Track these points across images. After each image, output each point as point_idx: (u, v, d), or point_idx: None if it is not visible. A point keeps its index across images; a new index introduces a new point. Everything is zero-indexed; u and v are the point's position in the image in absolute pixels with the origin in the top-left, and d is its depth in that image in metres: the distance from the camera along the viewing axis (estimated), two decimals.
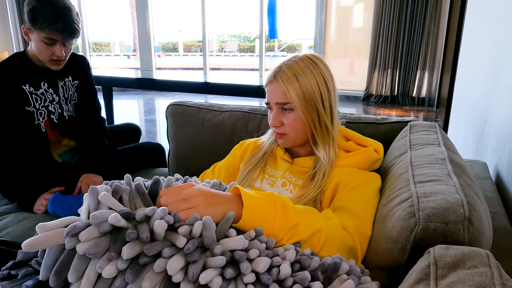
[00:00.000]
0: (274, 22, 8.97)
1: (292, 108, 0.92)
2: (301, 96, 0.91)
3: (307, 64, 0.92)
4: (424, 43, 5.42)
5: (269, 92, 0.96)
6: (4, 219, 1.35)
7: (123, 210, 0.54)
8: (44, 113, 1.48)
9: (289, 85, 0.90)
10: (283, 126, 0.95)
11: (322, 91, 0.92)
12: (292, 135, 0.96)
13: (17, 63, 1.44)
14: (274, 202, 0.66)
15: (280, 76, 0.92)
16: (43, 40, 1.36)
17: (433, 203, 0.63)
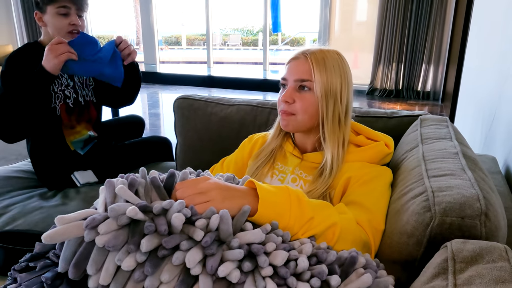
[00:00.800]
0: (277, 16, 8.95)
1: (310, 88, 0.91)
2: (325, 80, 0.90)
3: (336, 57, 0.93)
4: (430, 36, 5.38)
5: (290, 68, 0.94)
6: (11, 210, 1.36)
7: (140, 203, 0.54)
8: (61, 97, 1.51)
9: (317, 64, 0.90)
10: (294, 104, 0.93)
11: (343, 85, 0.92)
12: (301, 117, 0.93)
13: (32, 50, 1.47)
14: (289, 196, 0.66)
15: (310, 54, 0.91)
16: (57, 11, 1.41)
17: (448, 197, 0.63)
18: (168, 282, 0.49)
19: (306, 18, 19.86)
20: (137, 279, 0.49)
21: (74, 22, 1.44)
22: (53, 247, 0.57)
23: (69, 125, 1.57)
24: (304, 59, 0.92)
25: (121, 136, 1.87)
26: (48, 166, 1.55)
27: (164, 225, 0.51)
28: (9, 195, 1.47)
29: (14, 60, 1.43)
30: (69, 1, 1.42)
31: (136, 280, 0.49)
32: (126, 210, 0.52)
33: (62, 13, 1.42)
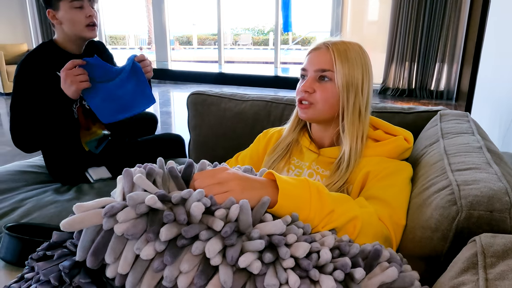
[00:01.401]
0: (288, 15, 8.92)
1: (331, 78, 0.89)
2: (346, 71, 0.88)
3: (357, 49, 0.92)
4: (444, 35, 5.30)
5: (311, 58, 0.93)
6: (26, 204, 1.36)
7: (158, 192, 0.53)
8: (77, 99, 1.49)
9: (338, 55, 0.89)
10: (314, 94, 0.91)
11: (364, 77, 0.91)
12: (320, 107, 0.91)
13: (48, 51, 1.46)
14: (309, 188, 0.64)
15: (332, 45, 0.90)
16: (71, 6, 1.40)
17: (475, 191, 0.61)
18: (188, 272, 0.48)
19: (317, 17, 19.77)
20: (156, 268, 0.48)
21: (90, 13, 1.42)
22: (71, 236, 0.56)
23: (86, 126, 1.58)
24: (326, 50, 0.90)
25: (134, 133, 1.88)
26: (62, 164, 1.56)
27: (183, 214, 0.50)
28: (24, 189, 1.48)
29: (28, 65, 1.41)
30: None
31: (155, 269, 0.48)
32: (144, 199, 0.51)
33: (77, 7, 1.40)
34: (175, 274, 0.48)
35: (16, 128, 1.40)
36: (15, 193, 1.44)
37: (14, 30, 6.42)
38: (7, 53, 5.84)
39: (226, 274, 0.47)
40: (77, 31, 1.44)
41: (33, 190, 1.48)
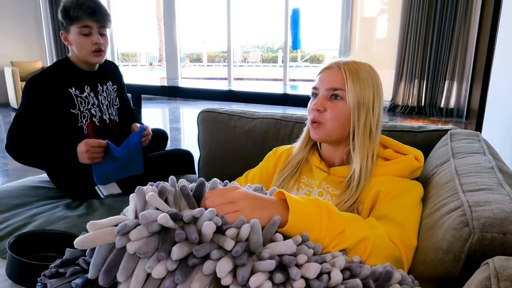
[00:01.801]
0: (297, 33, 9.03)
1: (342, 97, 0.90)
2: (358, 90, 0.89)
3: (368, 70, 0.93)
4: (453, 53, 5.31)
5: (322, 77, 0.94)
6: (38, 219, 1.38)
7: (171, 210, 0.54)
8: (87, 115, 1.54)
9: (350, 74, 0.90)
10: (325, 112, 0.92)
11: (375, 97, 0.91)
12: (330, 126, 0.92)
13: (62, 68, 1.51)
14: (320, 207, 0.64)
15: (343, 64, 0.91)
16: (80, 32, 1.45)
17: (487, 212, 0.60)
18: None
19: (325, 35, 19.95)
20: (167, 287, 0.48)
21: (97, 41, 1.46)
22: (83, 253, 0.57)
23: None
24: (337, 69, 0.91)
25: (145, 149, 1.89)
26: (72, 180, 1.57)
27: (194, 233, 0.51)
28: (36, 205, 1.49)
29: (41, 80, 1.45)
30: (91, 20, 1.44)
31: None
32: (157, 217, 0.52)
33: (85, 33, 1.45)
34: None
35: (16, 137, 1.42)
36: (27, 208, 1.46)
37: (29, 48, 6.60)
38: (22, 70, 5.99)
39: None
40: (84, 55, 1.49)
41: (45, 205, 1.50)
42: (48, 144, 1.45)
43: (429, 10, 5.30)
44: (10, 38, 6.34)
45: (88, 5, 1.43)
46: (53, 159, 1.44)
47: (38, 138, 1.44)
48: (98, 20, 1.46)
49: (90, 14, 1.44)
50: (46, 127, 1.46)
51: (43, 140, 1.45)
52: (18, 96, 5.81)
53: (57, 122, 1.47)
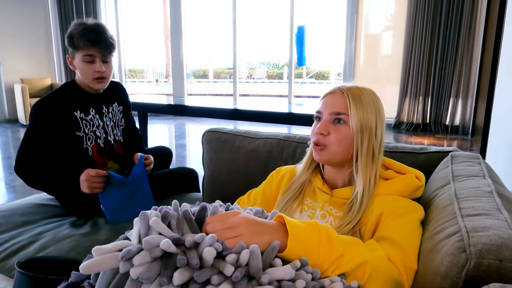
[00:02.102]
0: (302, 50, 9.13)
1: (346, 121, 0.92)
2: (360, 115, 0.91)
3: (371, 95, 0.95)
4: (457, 70, 5.34)
5: (326, 102, 0.96)
6: (43, 237, 1.39)
7: (173, 236, 0.55)
8: (92, 137, 1.57)
9: (353, 99, 0.92)
10: (328, 136, 0.94)
11: (378, 121, 0.94)
12: (334, 149, 0.94)
13: (69, 91, 1.55)
14: (319, 232, 0.65)
15: (346, 89, 0.94)
16: (83, 59, 1.48)
17: (484, 238, 0.61)
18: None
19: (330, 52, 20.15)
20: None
21: (99, 69, 1.50)
22: (88, 276, 0.58)
23: (102, 163, 1.63)
24: (341, 94, 0.94)
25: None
26: (77, 199, 1.59)
27: (196, 259, 0.52)
28: (42, 223, 1.51)
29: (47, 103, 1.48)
30: (94, 50, 1.48)
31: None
32: (159, 243, 0.53)
33: (88, 61, 1.49)
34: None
35: (24, 161, 1.46)
36: (33, 226, 1.48)
37: (39, 65, 6.74)
38: (31, 86, 6.10)
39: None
40: (86, 81, 1.54)
41: (51, 223, 1.52)
42: (55, 169, 1.47)
43: (433, 27, 5.36)
44: (21, 56, 6.49)
45: (92, 36, 1.46)
46: (59, 184, 1.47)
47: (45, 162, 1.47)
48: (101, 50, 1.49)
49: (94, 44, 1.47)
50: (53, 150, 1.49)
51: (50, 164, 1.48)
52: (26, 112, 5.91)
53: (63, 144, 1.50)
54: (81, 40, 1.46)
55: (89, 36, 1.46)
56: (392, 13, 6.02)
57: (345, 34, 6.17)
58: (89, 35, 1.46)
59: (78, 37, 1.46)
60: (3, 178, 3.52)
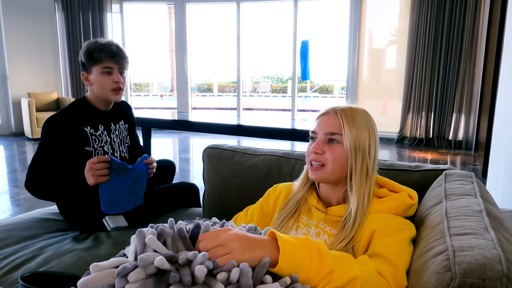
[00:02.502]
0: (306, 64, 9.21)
1: (339, 141, 0.95)
2: (354, 135, 0.94)
3: (364, 115, 0.98)
4: (460, 85, 5.37)
5: (320, 123, 0.99)
6: (46, 252, 1.42)
7: (167, 253, 0.58)
8: (100, 153, 1.62)
9: (346, 120, 0.95)
10: (323, 155, 0.96)
11: (371, 141, 0.97)
12: (330, 167, 0.96)
13: (79, 107, 1.61)
14: (310, 248, 0.67)
15: (340, 110, 0.97)
16: (102, 71, 1.57)
17: (469, 257, 0.63)
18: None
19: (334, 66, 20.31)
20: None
21: (117, 79, 1.59)
22: None
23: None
24: (334, 115, 0.97)
25: (153, 180, 1.95)
26: (80, 213, 1.63)
27: (188, 276, 0.55)
28: (45, 237, 1.54)
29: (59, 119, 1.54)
30: (112, 62, 1.58)
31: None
32: (154, 260, 0.56)
33: (106, 72, 1.57)
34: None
35: (34, 176, 1.51)
36: (36, 241, 1.50)
37: (46, 80, 6.85)
38: (38, 100, 6.20)
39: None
40: (104, 94, 1.61)
41: (53, 238, 1.54)
42: (63, 180, 1.52)
43: (435, 42, 5.41)
44: (29, 70, 6.62)
45: (111, 49, 1.57)
46: (68, 192, 1.52)
47: (55, 175, 1.52)
48: (118, 62, 1.59)
49: (112, 57, 1.57)
50: (62, 164, 1.54)
51: (59, 176, 1.53)
52: (33, 126, 5.99)
53: (72, 159, 1.55)
54: (101, 53, 1.55)
55: (108, 49, 1.56)
56: (396, 28, 6.10)
57: (348, 48, 6.24)
58: (107, 48, 1.56)
59: (97, 51, 1.56)
60: (8, 192, 3.57)
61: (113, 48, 1.58)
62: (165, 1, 7.48)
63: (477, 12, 5.16)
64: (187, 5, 6.93)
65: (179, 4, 6.89)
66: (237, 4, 6.72)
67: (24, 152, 5.39)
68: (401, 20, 5.98)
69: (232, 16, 6.84)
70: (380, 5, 6.11)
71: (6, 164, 4.73)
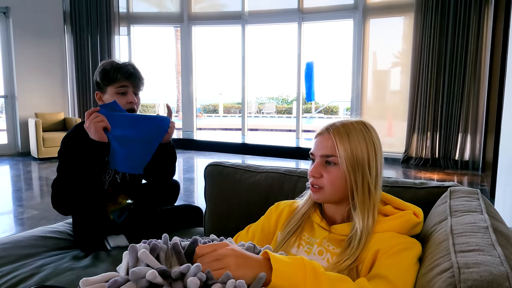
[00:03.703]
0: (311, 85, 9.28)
1: (336, 162, 0.93)
2: (349, 153, 0.92)
3: (361, 127, 0.95)
4: (465, 105, 5.35)
5: (316, 144, 0.98)
6: (44, 270, 1.39)
7: (160, 267, 0.56)
8: (111, 173, 1.62)
9: (340, 139, 0.92)
10: (321, 178, 0.95)
11: (370, 155, 0.93)
12: (329, 189, 0.94)
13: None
14: (304, 267, 0.65)
15: (333, 129, 0.94)
16: (117, 91, 1.56)
17: (475, 275, 0.60)
18: None
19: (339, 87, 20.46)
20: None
21: (131, 100, 1.59)
22: None
23: (113, 198, 1.67)
24: (328, 135, 0.95)
25: (157, 200, 1.93)
26: (85, 231, 1.61)
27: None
28: (44, 255, 1.52)
29: (70, 140, 1.55)
30: (128, 81, 1.57)
31: None
32: (146, 274, 0.54)
33: (121, 92, 1.57)
34: None
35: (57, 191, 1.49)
36: (35, 259, 1.48)
37: (53, 100, 6.95)
38: (45, 121, 6.27)
39: None
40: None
41: (52, 256, 1.52)
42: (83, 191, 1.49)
43: (439, 62, 5.42)
44: (37, 91, 6.72)
45: (127, 70, 1.57)
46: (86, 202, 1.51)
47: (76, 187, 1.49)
48: (133, 83, 1.59)
49: (127, 77, 1.57)
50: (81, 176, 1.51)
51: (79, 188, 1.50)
52: (39, 146, 6.03)
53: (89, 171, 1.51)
54: (117, 74, 1.55)
55: (124, 70, 1.56)
56: (399, 50, 6.14)
57: (352, 70, 6.29)
58: (124, 69, 1.57)
59: (113, 71, 1.56)
60: (12, 211, 3.56)
61: (129, 68, 1.58)
62: (172, 24, 7.63)
63: (480, 32, 5.20)
64: (193, 27, 7.07)
65: (185, 27, 7.03)
66: (242, 26, 6.85)
67: (29, 172, 5.41)
68: (404, 42, 6.03)
69: (238, 38, 6.95)
70: (383, 27, 6.18)
71: (12, 183, 4.74)
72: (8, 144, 6.62)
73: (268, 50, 22.78)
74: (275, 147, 3.08)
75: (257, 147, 3.12)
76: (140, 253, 0.58)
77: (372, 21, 6.12)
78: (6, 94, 6.56)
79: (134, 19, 7.16)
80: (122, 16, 7.04)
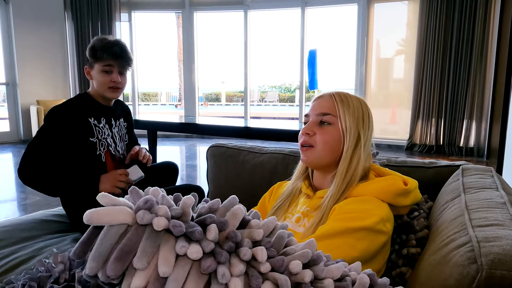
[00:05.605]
0: (314, 73, 9.17)
1: (331, 122, 0.92)
2: (347, 118, 0.92)
3: (358, 103, 0.95)
4: (470, 92, 5.27)
5: (314, 105, 0.96)
6: (44, 252, 1.37)
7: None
8: (104, 144, 1.61)
9: (341, 101, 0.93)
10: (314, 136, 0.94)
11: (365, 125, 0.94)
12: (320, 149, 0.92)
13: (82, 100, 1.61)
14: None
15: (335, 93, 0.95)
16: (102, 69, 1.56)
17: (497, 248, 0.57)
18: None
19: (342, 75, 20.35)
20: (207, 267, 0.44)
21: (115, 79, 1.58)
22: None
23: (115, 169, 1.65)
24: (329, 97, 0.95)
25: (155, 182, 1.91)
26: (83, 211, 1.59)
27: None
28: (44, 238, 1.50)
29: (61, 110, 1.52)
30: (113, 60, 1.56)
31: (205, 269, 0.45)
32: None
33: (106, 71, 1.56)
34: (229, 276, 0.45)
35: (29, 162, 1.46)
36: (35, 241, 1.46)
37: (55, 87, 6.90)
38: (47, 108, 6.22)
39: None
40: (102, 90, 1.60)
41: (53, 239, 1.50)
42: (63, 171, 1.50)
43: (444, 49, 5.34)
44: (38, 78, 6.67)
45: (114, 51, 1.56)
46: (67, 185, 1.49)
47: (53, 165, 1.49)
48: (119, 63, 1.58)
49: (114, 58, 1.56)
50: (65, 155, 1.51)
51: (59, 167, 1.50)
52: None
53: (77, 150, 1.53)
54: (104, 53, 1.55)
55: (111, 50, 1.55)
56: (403, 38, 6.04)
57: (356, 58, 6.20)
58: (111, 48, 1.56)
59: (100, 50, 1.55)
60: (15, 198, 3.55)
61: (117, 49, 1.57)
62: (173, 10, 7.52)
63: (487, 16, 5.08)
64: (195, 13, 6.97)
65: (187, 13, 6.93)
66: (244, 12, 6.74)
67: None
68: (409, 29, 5.92)
69: (240, 24, 6.85)
70: (387, 14, 6.06)
71: (14, 170, 4.73)
72: (10, 132, 6.60)
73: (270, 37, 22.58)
74: (279, 130, 3.01)
75: (260, 131, 3.06)
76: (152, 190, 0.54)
77: (376, 5, 6.00)
78: (7, 81, 6.51)
79: (135, 5, 7.05)
80: (123, 2, 6.94)
